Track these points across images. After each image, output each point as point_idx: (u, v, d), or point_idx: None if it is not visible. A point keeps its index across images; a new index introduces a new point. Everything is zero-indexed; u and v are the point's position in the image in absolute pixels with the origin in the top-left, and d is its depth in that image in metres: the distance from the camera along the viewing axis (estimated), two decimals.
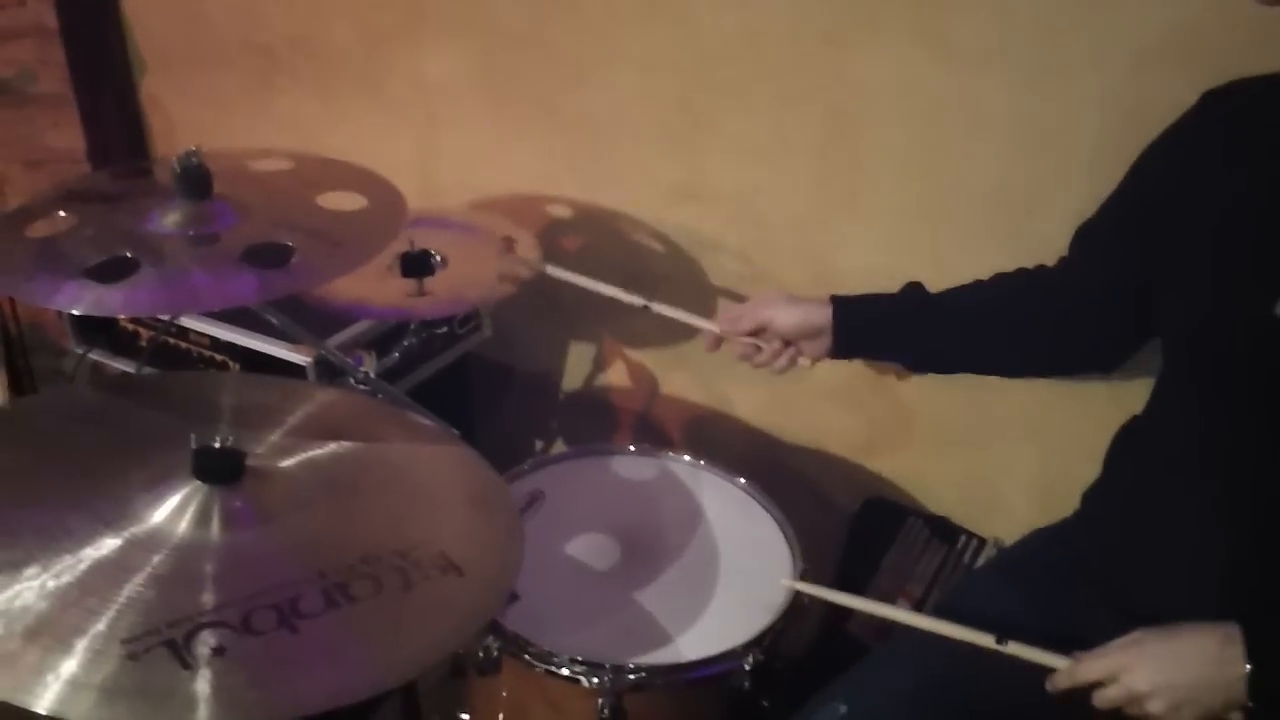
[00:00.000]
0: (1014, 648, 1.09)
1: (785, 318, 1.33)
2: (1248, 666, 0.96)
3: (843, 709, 1.17)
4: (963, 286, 1.33)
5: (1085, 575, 1.24)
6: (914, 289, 1.34)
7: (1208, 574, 1.09)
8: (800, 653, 1.61)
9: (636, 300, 1.38)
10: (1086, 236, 1.27)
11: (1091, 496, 1.31)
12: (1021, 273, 1.32)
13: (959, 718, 1.15)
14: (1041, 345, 1.31)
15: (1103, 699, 1.04)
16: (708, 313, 1.50)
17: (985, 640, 1.11)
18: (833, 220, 1.61)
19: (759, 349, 1.36)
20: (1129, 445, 1.26)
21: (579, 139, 1.80)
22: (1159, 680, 1.00)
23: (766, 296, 1.36)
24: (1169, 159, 1.17)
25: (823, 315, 1.31)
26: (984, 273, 1.35)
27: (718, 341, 1.40)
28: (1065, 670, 1.06)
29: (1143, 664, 1.01)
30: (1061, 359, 1.34)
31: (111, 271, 1.09)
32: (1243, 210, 1.06)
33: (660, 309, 1.40)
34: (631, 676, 1.22)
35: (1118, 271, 1.22)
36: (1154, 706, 1.00)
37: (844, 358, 1.35)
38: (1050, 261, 1.32)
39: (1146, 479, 1.19)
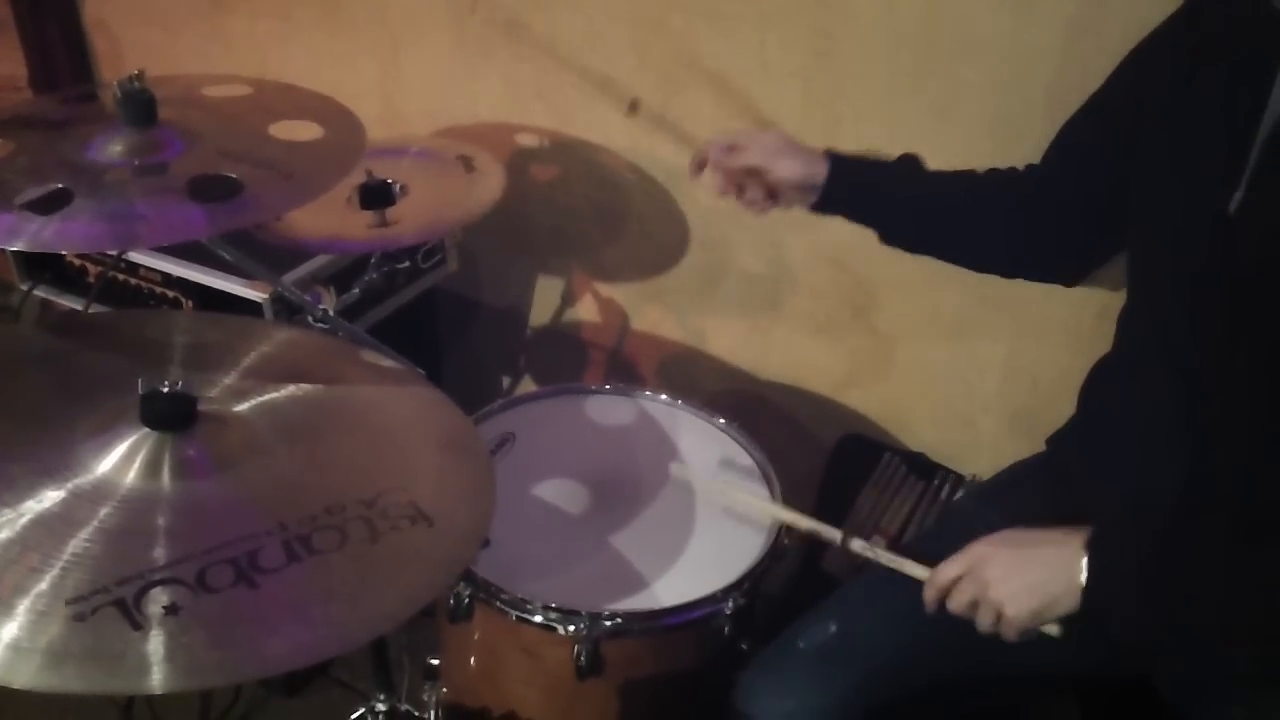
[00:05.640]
0: (859, 546, 1.19)
1: (785, 169, 1.30)
2: (1084, 553, 0.99)
3: (832, 628, 1.20)
4: (954, 172, 1.32)
5: (1060, 506, 1.21)
6: (910, 160, 1.33)
7: (1163, 495, 1.08)
8: (778, 592, 1.60)
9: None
10: (1062, 139, 1.26)
11: (1066, 432, 1.31)
12: (1011, 171, 1.32)
13: (947, 635, 1.15)
14: (1013, 242, 1.31)
15: (956, 599, 1.08)
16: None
17: (831, 535, 1.21)
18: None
19: (743, 190, 1.34)
20: (1099, 378, 1.26)
21: (547, 63, 1.74)
22: (1000, 565, 1.04)
23: (766, 139, 1.33)
24: (1146, 61, 1.16)
25: (819, 171, 1.29)
26: None
27: (701, 165, 1.37)
28: (929, 577, 1.11)
29: (989, 551, 1.06)
30: (1027, 260, 1.33)
31: (52, 204, 1.03)
32: (1204, 109, 1.05)
33: None
34: (608, 623, 1.19)
35: (1089, 175, 1.21)
36: (994, 593, 1.03)
37: (823, 214, 1.33)
38: None
39: (1116, 408, 1.19)
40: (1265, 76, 0.98)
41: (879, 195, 1.31)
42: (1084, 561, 0.99)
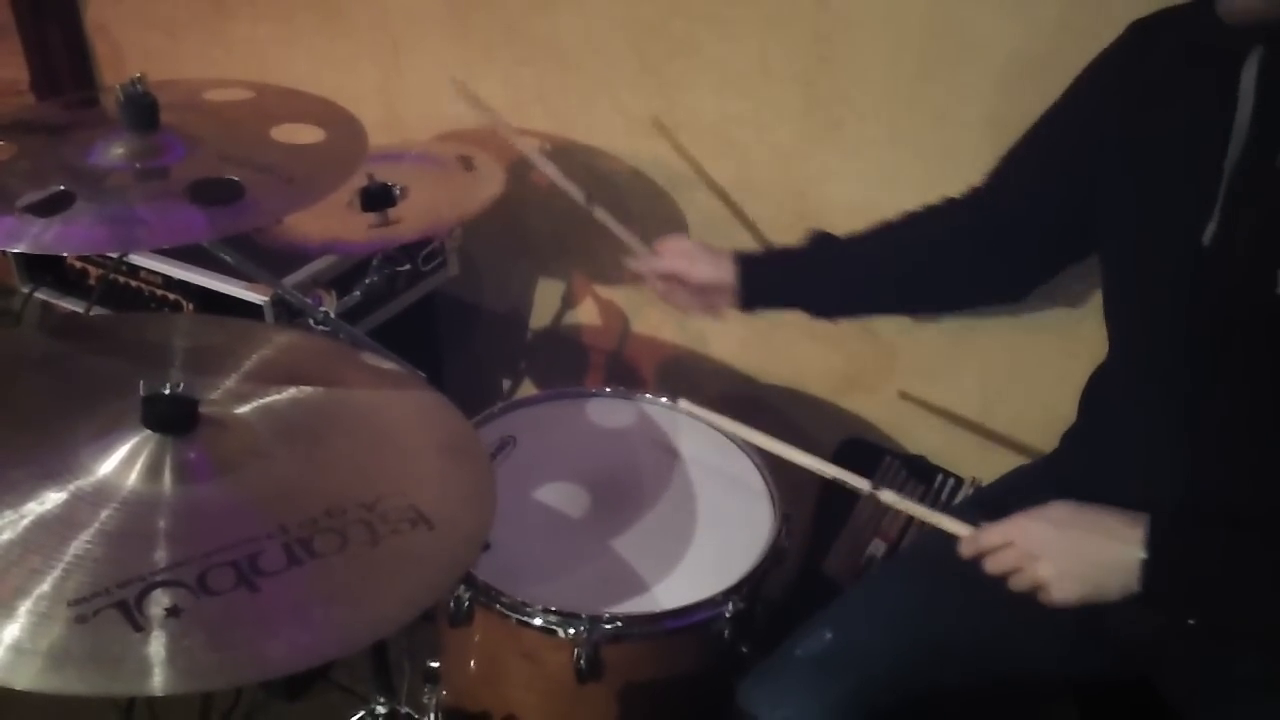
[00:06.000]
0: (889, 497, 1.13)
1: (698, 273, 1.33)
2: (1144, 555, 0.97)
3: (828, 635, 1.19)
4: (869, 230, 1.33)
5: None
6: (819, 237, 1.35)
7: (1163, 503, 1.07)
8: (778, 595, 1.60)
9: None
10: (1010, 167, 1.26)
11: (1069, 437, 1.31)
12: (929, 211, 1.32)
13: (941, 643, 1.16)
14: (954, 279, 1.31)
15: (997, 562, 1.05)
16: None
17: (860, 485, 1.15)
18: (816, 153, 1.57)
19: (672, 293, 1.37)
20: (1098, 386, 1.26)
21: (548, 67, 1.74)
22: (1052, 545, 1.01)
23: (676, 245, 1.37)
24: (1097, 93, 1.16)
25: (727, 273, 1.32)
26: None
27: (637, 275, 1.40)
28: (970, 535, 1.08)
29: (1041, 528, 1.03)
30: (969, 292, 1.35)
31: (53, 207, 1.03)
32: (1168, 140, 1.05)
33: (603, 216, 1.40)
34: (608, 627, 1.19)
35: (1037, 203, 1.22)
36: (1043, 570, 1.01)
37: (750, 311, 1.35)
38: None
39: (1116, 419, 1.18)
40: (1228, 103, 0.97)
41: (798, 283, 1.34)
42: (1140, 561, 0.97)
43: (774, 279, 1.34)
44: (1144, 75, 1.08)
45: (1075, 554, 1.00)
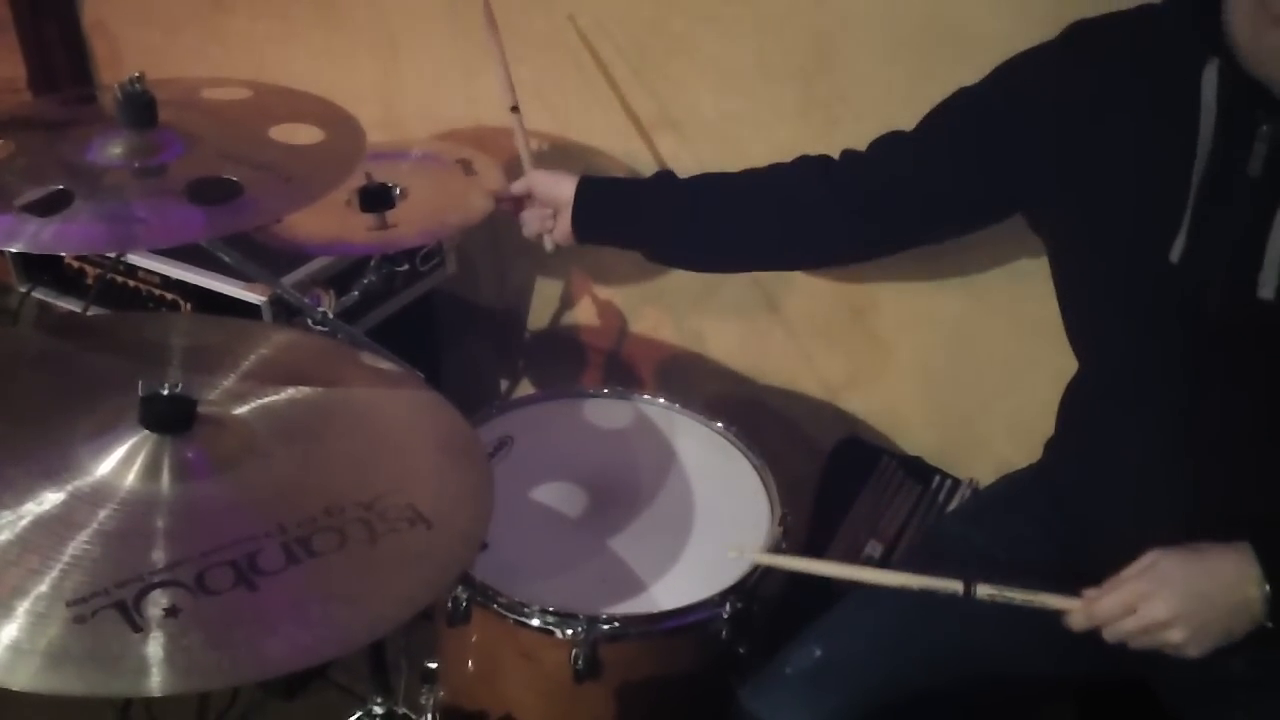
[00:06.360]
0: (985, 592, 1.04)
1: (540, 188, 1.36)
2: (1267, 587, 0.94)
3: (818, 652, 1.18)
4: (720, 174, 1.34)
5: (1049, 527, 1.24)
6: (664, 174, 1.36)
7: (1168, 516, 1.08)
8: (774, 595, 1.59)
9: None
10: (902, 139, 1.24)
11: (1052, 448, 1.30)
12: (798, 163, 1.32)
13: (932, 656, 1.16)
14: (810, 237, 1.31)
15: (1116, 632, 1.00)
16: None
17: (953, 587, 1.05)
18: (814, 151, 1.55)
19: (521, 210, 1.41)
20: (1081, 398, 1.24)
21: (546, 65, 1.73)
22: (1180, 607, 0.96)
23: (543, 171, 1.39)
24: (1034, 92, 1.11)
25: (569, 191, 1.33)
26: None
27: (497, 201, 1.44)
28: (1081, 610, 1.02)
29: (1162, 591, 0.97)
30: (822, 254, 1.38)
31: (51, 205, 1.03)
32: (1125, 162, 1.03)
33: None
34: (606, 627, 1.19)
35: (933, 176, 1.20)
36: (1175, 635, 0.97)
37: (586, 240, 1.36)
38: None
39: (1106, 431, 1.18)
40: (1189, 117, 0.96)
41: (634, 213, 1.33)
42: (1265, 595, 0.94)
43: (608, 204, 1.33)
44: (1087, 83, 1.06)
45: (1204, 611, 0.96)
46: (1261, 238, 0.95)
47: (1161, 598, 0.97)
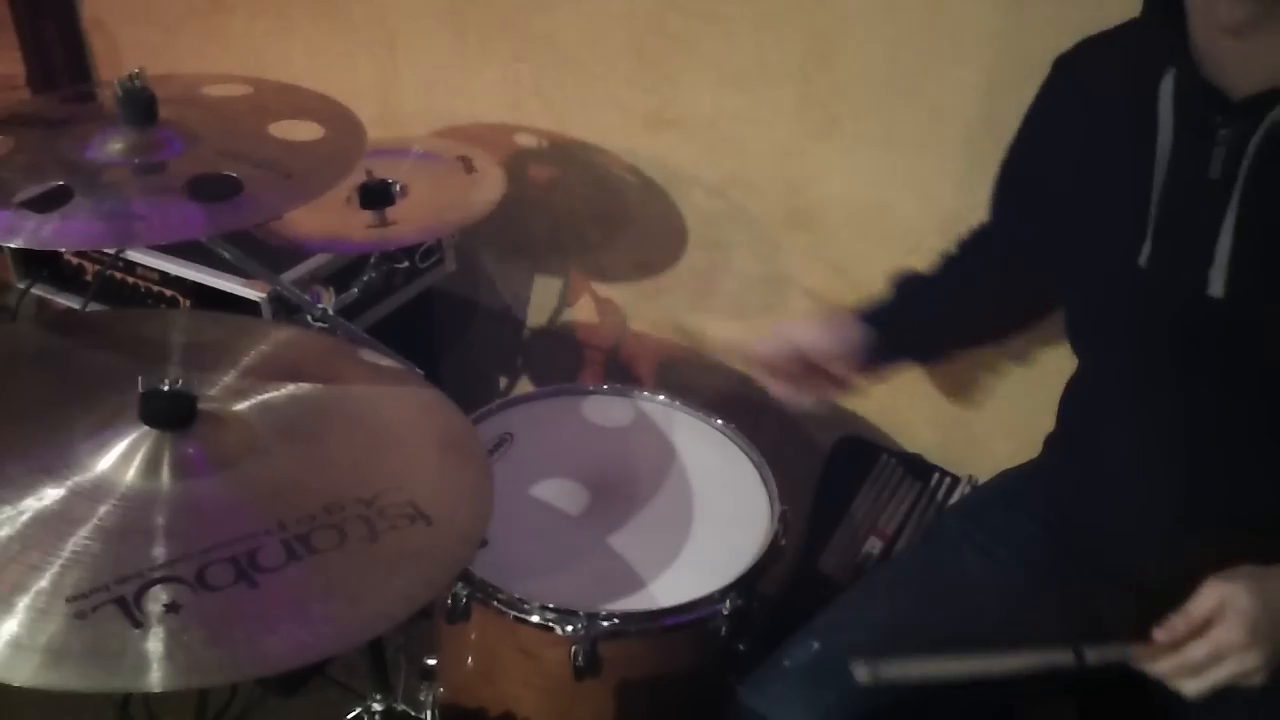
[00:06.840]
0: (1095, 657, 0.99)
1: (820, 343, 1.23)
2: None
3: (816, 646, 1.18)
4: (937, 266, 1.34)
5: (1050, 514, 1.24)
6: (903, 278, 1.32)
7: (1164, 514, 1.08)
8: (774, 592, 1.59)
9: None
10: (993, 202, 1.28)
11: (1051, 445, 1.31)
12: (961, 245, 1.35)
13: (931, 651, 1.14)
14: (989, 312, 1.35)
15: (1207, 679, 0.95)
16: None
17: (1064, 659, 1.00)
18: (813, 149, 1.57)
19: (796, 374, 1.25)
20: (1078, 396, 1.25)
21: (546, 63, 1.73)
22: (1257, 630, 0.93)
23: (791, 322, 1.26)
24: (1040, 136, 1.18)
25: (856, 333, 1.24)
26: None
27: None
28: (1170, 664, 0.97)
29: (1252, 645, 0.93)
30: (1009, 322, 1.42)
31: (51, 201, 1.03)
32: (1102, 175, 1.07)
33: None
34: (606, 624, 1.19)
35: (1017, 233, 1.25)
36: (1250, 660, 0.93)
37: (873, 373, 1.28)
38: None
39: (1102, 429, 1.18)
40: (1148, 127, 0.99)
41: (898, 330, 1.28)
42: None
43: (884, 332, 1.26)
44: (1072, 112, 1.11)
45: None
46: (1215, 237, 0.96)
47: (1256, 647, 0.93)
